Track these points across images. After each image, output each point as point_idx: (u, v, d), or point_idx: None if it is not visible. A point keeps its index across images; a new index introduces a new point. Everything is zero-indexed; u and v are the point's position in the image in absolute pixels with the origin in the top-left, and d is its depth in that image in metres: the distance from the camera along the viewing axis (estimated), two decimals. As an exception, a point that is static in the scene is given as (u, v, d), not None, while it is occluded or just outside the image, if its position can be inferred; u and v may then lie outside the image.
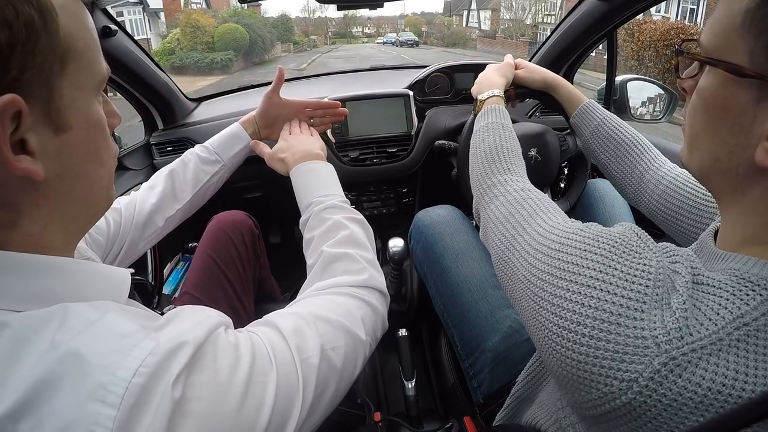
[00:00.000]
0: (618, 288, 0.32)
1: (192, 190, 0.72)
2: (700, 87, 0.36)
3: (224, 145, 0.76)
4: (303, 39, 35.97)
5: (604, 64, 1.35)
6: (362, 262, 0.53)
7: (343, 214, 0.58)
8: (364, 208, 1.34)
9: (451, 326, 0.81)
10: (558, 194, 1.22)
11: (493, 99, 0.72)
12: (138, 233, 0.67)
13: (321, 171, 0.66)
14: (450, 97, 1.36)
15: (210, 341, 0.32)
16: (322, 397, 0.38)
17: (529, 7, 27.83)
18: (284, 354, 0.36)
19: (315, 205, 0.60)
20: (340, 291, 0.48)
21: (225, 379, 0.31)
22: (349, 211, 0.60)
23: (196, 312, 0.36)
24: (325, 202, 0.60)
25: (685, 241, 0.59)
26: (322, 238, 0.56)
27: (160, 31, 21.38)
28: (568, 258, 0.37)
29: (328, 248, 0.53)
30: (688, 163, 0.40)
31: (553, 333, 0.35)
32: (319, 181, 0.64)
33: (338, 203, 0.61)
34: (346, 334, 0.43)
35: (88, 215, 0.38)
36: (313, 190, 0.62)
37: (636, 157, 0.68)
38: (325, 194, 0.61)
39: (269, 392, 0.33)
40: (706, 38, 0.35)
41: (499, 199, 0.53)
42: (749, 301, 0.30)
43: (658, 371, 0.29)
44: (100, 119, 0.35)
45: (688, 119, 0.39)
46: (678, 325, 0.30)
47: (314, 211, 0.59)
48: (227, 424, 0.29)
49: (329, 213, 0.58)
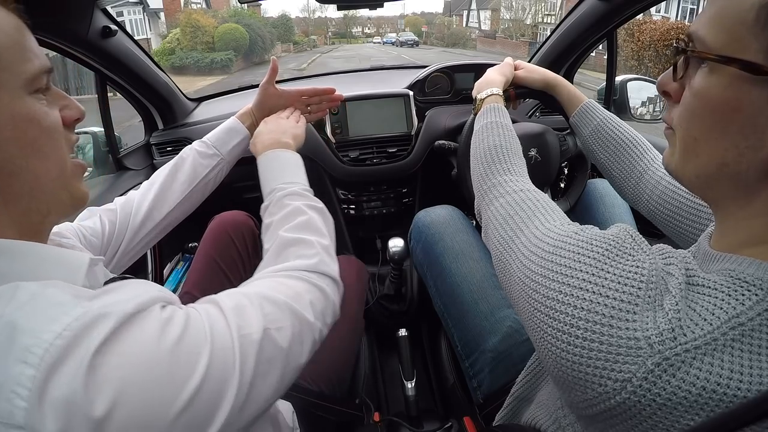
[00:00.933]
0: (610, 290, 0.33)
1: (190, 184, 0.72)
2: (699, 88, 0.34)
3: (222, 139, 0.76)
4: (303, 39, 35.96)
5: (604, 64, 1.35)
6: (317, 247, 0.53)
7: (303, 201, 0.59)
8: (364, 208, 1.34)
9: (451, 326, 0.81)
10: (558, 194, 1.22)
11: (492, 98, 0.72)
12: (135, 231, 0.66)
13: (286, 159, 0.65)
14: (450, 97, 1.36)
15: (140, 314, 0.32)
16: (266, 378, 0.38)
17: (529, 7, 27.83)
18: (222, 330, 0.36)
19: (276, 191, 0.60)
20: (289, 274, 0.48)
21: (150, 349, 0.31)
22: (309, 198, 0.61)
23: (136, 286, 0.36)
24: (286, 189, 0.60)
25: (685, 241, 0.59)
26: (280, 223, 0.56)
27: (160, 31, 21.37)
28: (562, 261, 0.37)
29: (284, 233, 0.54)
30: (681, 171, 0.38)
31: (548, 334, 0.35)
32: (283, 169, 0.64)
33: (299, 191, 0.61)
34: (292, 315, 0.43)
35: (42, 209, 0.38)
36: (276, 177, 0.62)
37: (635, 157, 0.68)
38: (287, 182, 0.61)
39: (200, 365, 0.33)
40: (711, 35, 0.33)
41: (499, 201, 0.53)
42: (744, 301, 0.30)
43: (651, 371, 0.29)
44: (32, 115, 0.36)
45: (682, 124, 0.36)
46: (671, 326, 0.30)
47: (275, 197, 0.59)
48: (149, 393, 0.30)
49: (289, 199, 0.59)
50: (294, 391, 0.66)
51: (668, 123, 0.39)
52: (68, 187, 0.40)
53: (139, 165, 1.21)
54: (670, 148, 0.40)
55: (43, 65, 0.37)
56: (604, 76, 1.36)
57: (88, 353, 0.28)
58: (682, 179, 0.38)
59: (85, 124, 1.18)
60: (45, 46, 0.88)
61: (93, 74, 1.06)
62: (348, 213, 1.35)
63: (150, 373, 0.30)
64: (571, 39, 1.19)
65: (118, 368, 0.29)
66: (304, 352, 0.43)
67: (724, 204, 0.36)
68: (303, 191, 0.61)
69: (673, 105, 0.38)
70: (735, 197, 0.35)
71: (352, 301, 0.85)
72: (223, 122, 0.80)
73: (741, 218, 0.35)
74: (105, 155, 1.16)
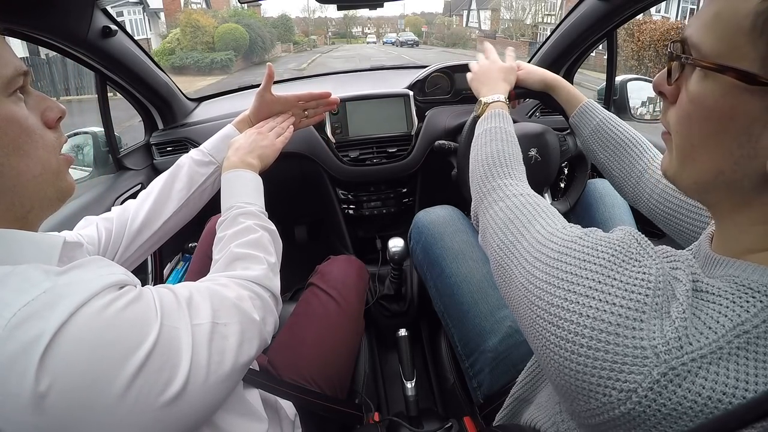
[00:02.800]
0: (617, 297, 0.32)
1: (187, 192, 0.73)
2: (696, 94, 0.33)
3: (218, 147, 0.76)
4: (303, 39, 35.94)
5: (604, 64, 1.35)
6: (263, 263, 0.56)
7: (257, 221, 0.62)
8: (364, 208, 1.34)
9: (450, 326, 0.81)
10: (558, 194, 1.22)
11: (496, 104, 0.72)
12: (131, 239, 0.68)
13: (249, 181, 0.68)
14: (450, 97, 1.36)
15: (99, 295, 0.35)
16: (220, 367, 0.41)
17: (529, 7, 27.82)
18: (172, 309, 0.40)
19: (234, 209, 0.63)
20: (235, 281, 0.51)
21: (103, 321, 0.34)
22: (263, 220, 0.64)
23: (101, 266, 0.40)
24: (243, 208, 0.63)
25: (685, 240, 0.59)
26: (232, 238, 0.59)
27: (160, 31, 21.36)
28: (567, 267, 0.36)
29: (234, 247, 0.57)
30: (679, 177, 0.37)
31: (551, 342, 0.35)
32: (244, 189, 0.66)
33: (255, 211, 0.64)
34: (239, 312, 0.46)
35: (26, 204, 0.41)
36: (236, 196, 0.65)
37: (635, 156, 0.68)
38: (246, 202, 0.64)
39: (150, 336, 0.36)
40: (706, 43, 0.32)
41: (498, 204, 0.52)
42: (749, 308, 0.29)
43: (657, 381, 0.29)
44: (11, 116, 0.38)
45: (679, 129, 0.36)
46: (677, 334, 0.29)
47: (231, 214, 0.62)
48: (99, 359, 0.33)
49: (244, 218, 0.62)
50: (295, 392, 0.66)
51: (665, 126, 0.38)
52: (54, 183, 0.43)
53: (139, 165, 1.20)
54: (668, 154, 0.39)
55: (17, 68, 0.39)
56: (604, 76, 1.35)
57: (47, 333, 0.31)
58: (680, 185, 0.38)
59: (86, 124, 1.18)
60: (45, 46, 0.88)
61: (93, 74, 1.06)
62: (348, 213, 1.35)
63: (100, 340, 0.33)
64: (571, 39, 1.19)
65: (69, 348, 0.32)
66: (253, 348, 0.46)
67: (722, 209, 0.36)
68: (258, 212, 0.64)
69: (669, 106, 0.37)
70: (733, 203, 0.34)
71: (353, 301, 0.85)
72: (222, 123, 0.80)
73: (741, 224, 0.34)
74: (105, 155, 1.16)
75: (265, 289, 0.54)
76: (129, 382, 0.34)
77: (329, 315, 0.80)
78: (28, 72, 0.41)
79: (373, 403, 0.81)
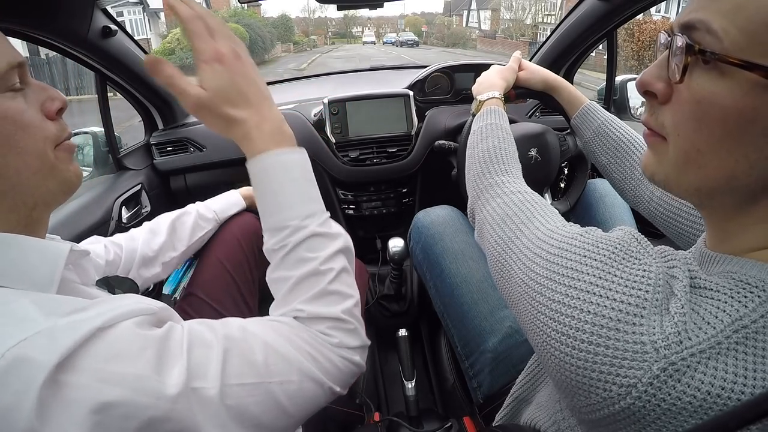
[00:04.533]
0: (618, 293, 0.32)
1: (188, 241, 0.79)
2: (708, 94, 0.30)
3: (224, 209, 0.85)
4: (303, 39, 35.93)
5: (604, 64, 1.35)
6: (353, 323, 0.45)
7: (328, 249, 0.45)
8: (364, 208, 1.34)
9: (450, 327, 0.81)
10: (558, 194, 1.22)
11: (492, 101, 0.72)
12: (136, 271, 0.72)
13: (296, 169, 0.46)
14: (450, 97, 1.36)
15: (107, 329, 0.31)
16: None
17: (529, 7, 27.82)
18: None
19: (290, 235, 0.44)
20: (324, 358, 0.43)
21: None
22: (333, 237, 0.46)
23: (118, 300, 0.36)
24: (304, 229, 0.44)
25: (685, 242, 0.59)
26: (300, 288, 0.44)
27: (160, 31, 21.35)
28: (568, 263, 0.36)
29: (306, 307, 0.43)
30: (675, 183, 0.35)
31: (552, 338, 0.35)
32: (296, 190, 0.45)
33: (319, 230, 0.45)
34: (309, 379, 0.40)
35: (28, 202, 0.39)
36: (288, 206, 0.45)
37: (636, 159, 0.68)
38: (306, 215, 0.45)
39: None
40: (729, 34, 0.29)
41: (496, 201, 0.52)
42: (747, 303, 0.30)
43: (657, 376, 0.29)
44: (5, 112, 0.37)
45: (682, 133, 0.33)
46: (677, 330, 0.29)
47: (290, 243, 0.44)
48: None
49: (309, 250, 0.44)
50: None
51: (655, 128, 0.35)
52: (56, 175, 0.41)
53: (139, 165, 1.20)
54: (654, 156, 0.36)
55: (11, 61, 0.38)
56: (604, 76, 1.36)
57: (51, 365, 0.28)
58: (676, 191, 0.36)
59: (86, 124, 1.18)
60: (45, 46, 0.88)
61: (93, 74, 1.06)
62: (348, 213, 1.35)
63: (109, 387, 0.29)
64: (571, 39, 1.19)
65: (80, 377, 0.29)
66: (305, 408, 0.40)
67: (724, 211, 0.34)
68: (323, 226, 0.45)
69: (660, 106, 0.34)
70: (737, 205, 0.33)
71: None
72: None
73: (744, 224, 0.34)
74: (105, 155, 1.16)
75: (358, 350, 0.45)
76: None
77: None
78: (24, 63, 0.39)
79: (373, 403, 0.81)
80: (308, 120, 1.25)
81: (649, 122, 0.36)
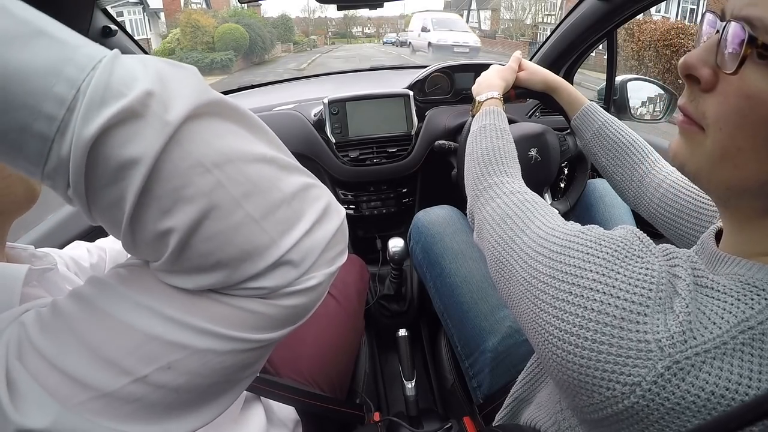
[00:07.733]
0: (621, 291, 0.32)
1: None
2: (758, 91, 0.29)
3: None
4: (303, 39, 35.89)
5: (604, 64, 1.35)
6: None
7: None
8: (364, 208, 1.34)
9: (450, 327, 0.81)
10: (558, 194, 1.22)
11: (491, 101, 0.72)
12: None
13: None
14: (450, 97, 1.36)
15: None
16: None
17: (529, 7, 27.82)
18: None
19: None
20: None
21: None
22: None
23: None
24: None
25: (685, 244, 0.59)
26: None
27: (160, 31, 21.36)
28: (570, 261, 0.36)
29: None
30: (706, 178, 0.34)
31: (554, 336, 0.34)
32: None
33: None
34: None
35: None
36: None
37: (636, 160, 0.68)
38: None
39: None
40: None
41: (496, 201, 0.52)
42: (754, 305, 0.30)
43: (661, 375, 0.29)
44: None
45: (724, 127, 0.31)
46: (682, 328, 0.29)
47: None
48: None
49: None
50: (295, 394, 0.66)
51: (694, 117, 0.33)
52: (25, 180, 0.39)
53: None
54: (687, 146, 0.35)
55: None
56: (604, 76, 1.35)
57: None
58: (705, 185, 0.35)
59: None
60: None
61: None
62: (348, 213, 1.35)
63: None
64: (571, 39, 1.19)
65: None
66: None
67: (746, 213, 0.34)
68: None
69: (703, 93, 0.32)
70: (762, 209, 0.33)
71: (353, 300, 0.85)
72: None
73: (762, 228, 0.33)
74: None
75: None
76: None
77: (329, 314, 0.80)
78: None
79: (372, 403, 0.81)
80: (308, 120, 1.25)
81: (687, 109, 0.34)
